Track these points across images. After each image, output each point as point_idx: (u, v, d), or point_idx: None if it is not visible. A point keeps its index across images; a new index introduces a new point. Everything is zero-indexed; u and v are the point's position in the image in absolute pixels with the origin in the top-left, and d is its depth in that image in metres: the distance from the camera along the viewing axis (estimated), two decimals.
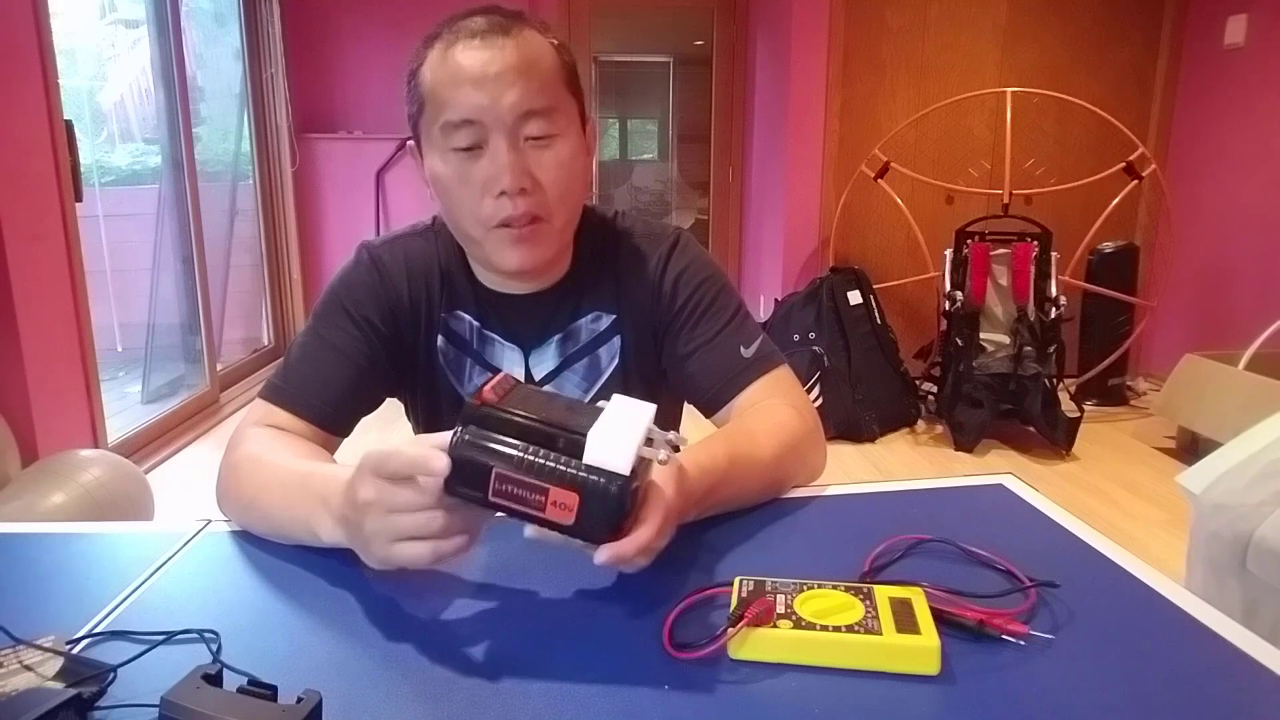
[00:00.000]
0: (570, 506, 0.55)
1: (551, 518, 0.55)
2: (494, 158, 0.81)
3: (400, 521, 0.58)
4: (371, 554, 0.61)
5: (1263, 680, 0.53)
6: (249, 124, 4.10)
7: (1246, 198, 3.52)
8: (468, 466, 0.55)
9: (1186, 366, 3.09)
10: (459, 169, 0.82)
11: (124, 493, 2.05)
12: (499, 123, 0.80)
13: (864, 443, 3.21)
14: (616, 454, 0.55)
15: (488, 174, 0.82)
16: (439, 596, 0.64)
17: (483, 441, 0.56)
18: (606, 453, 0.55)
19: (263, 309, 4.35)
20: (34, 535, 0.78)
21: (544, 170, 0.83)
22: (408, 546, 0.59)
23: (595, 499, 0.55)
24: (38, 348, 2.33)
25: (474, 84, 0.79)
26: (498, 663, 0.56)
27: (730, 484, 0.76)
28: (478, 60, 0.80)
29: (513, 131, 0.81)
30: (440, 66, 0.82)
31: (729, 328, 0.93)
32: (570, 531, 0.56)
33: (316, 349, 0.90)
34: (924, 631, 0.54)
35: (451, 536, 0.59)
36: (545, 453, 0.55)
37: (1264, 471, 1.54)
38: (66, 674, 0.53)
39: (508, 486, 0.55)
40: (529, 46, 0.82)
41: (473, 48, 0.80)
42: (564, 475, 0.55)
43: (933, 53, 3.83)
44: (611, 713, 0.51)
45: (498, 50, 0.80)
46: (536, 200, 0.83)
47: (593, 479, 0.54)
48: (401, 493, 0.58)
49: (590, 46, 4.52)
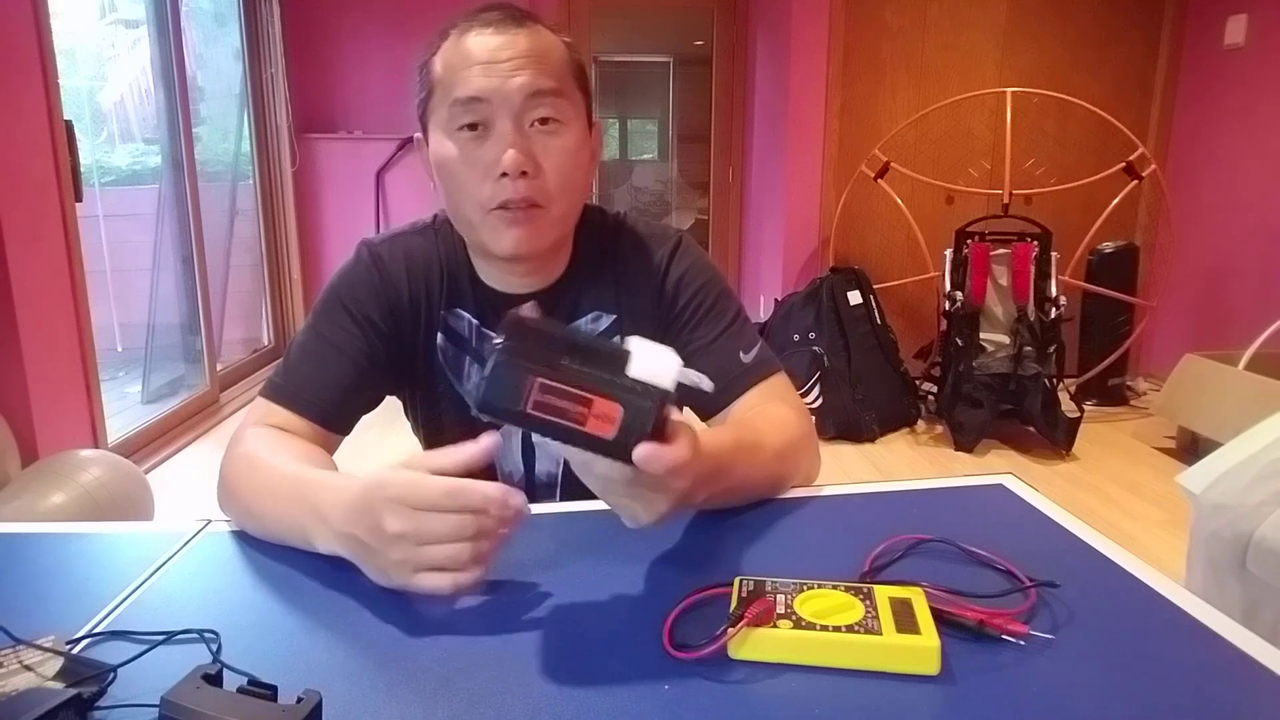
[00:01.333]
0: (613, 419, 0.54)
1: (592, 430, 0.54)
2: (499, 139, 0.82)
3: (431, 553, 0.59)
4: (389, 579, 0.61)
5: (1263, 680, 0.53)
6: (249, 124, 4.10)
7: (1246, 198, 3.52)
8: (510, 377, 0.54)
9: (1186, 366, 3.09)
10: (463, 149, 0.83)
11: (124, 493, 2.05)
12: (506, 104, 0.82)
13: (864, 443, 3.21)
14: (661, 367, 0.54)
15: (492, 155, 0.82)
16: (439, 597, 0.64)
17: (529, 349, 0.55)
18: (652, 365, 0.54)
19: (263, 309, 4.35)
20: (34, 535, 0.78)
21: (548, 156, 0.84)
22: (431, 577, 0.59)
23: (638, 412, 0.54)
24: (38, 348, 2.33)
25: (484, 66, 0.81)
26: (498, 662, 0.56)
27: (735, 470, 0.75)
28: (490, 44, 0.82)
29: (519, 115, 0.82)
30: (453, 51, 0.84)
31: (729, 332, 0.94)
32: (606, 448, 0.55)
33: (317, 347, 0.90)
34: (924, 631, 0.54)
35: (474, 567, 0.59)
36: (589, 363, 0.55)
37: (1264, 471, 1.54)
38: (66, 674, 0.53)
39: (549, 398, 0.54)
40: (541, 37, 0.84)
41: (486, 34, 0.83)
42: (610, 384, 0.54)
43: (933, 53, 3.83)
44: (611, 713, 0.51)
45: (510, 36, 0.82)
46: (537, 185, 0.83)
47: (638, 390, 0.54)
48: (440, 525, 0.58)
49: (590, 46, 4.52)
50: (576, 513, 0.79)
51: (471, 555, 0.59)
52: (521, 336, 0.55)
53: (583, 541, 0.73)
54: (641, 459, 0.54)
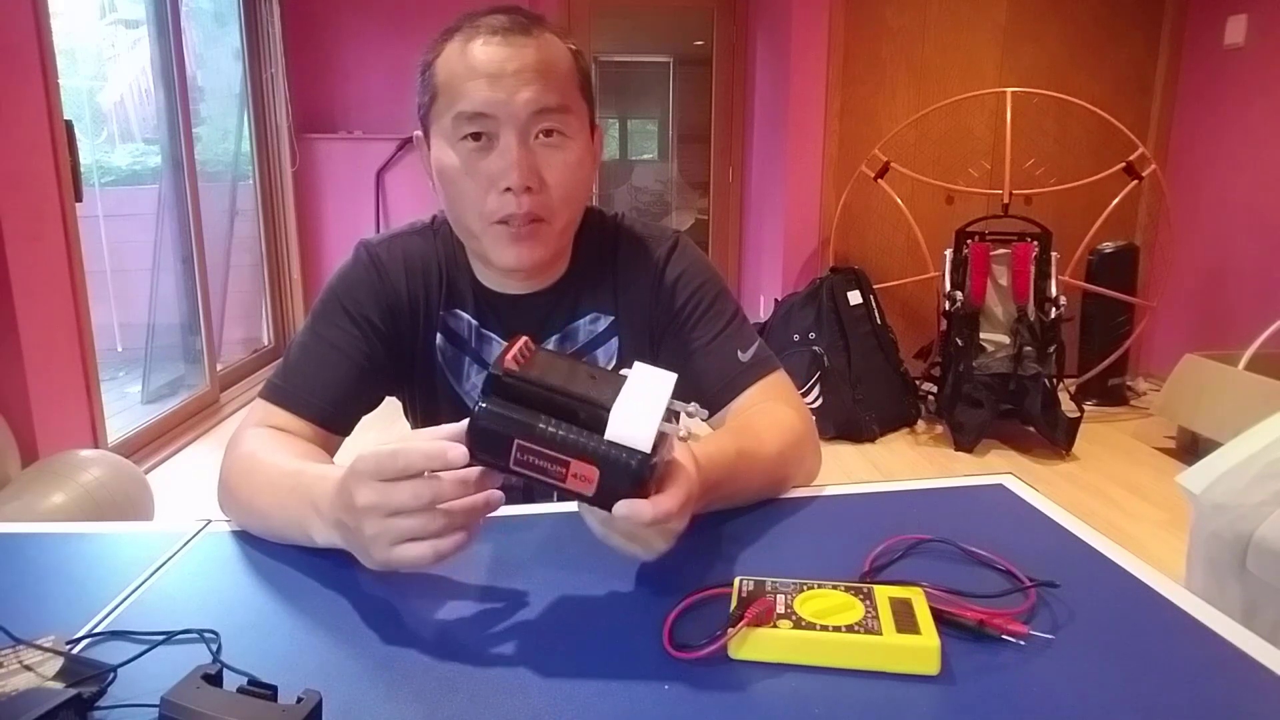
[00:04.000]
0: (590, 479, 0.55)
1: (571, 488, 0.56)
2: (504, 153, 0.81)
3: (400, 524, 0.58)
4: (372, 558, 0.61)
5: (1263, 680, 0.53)
6: (249, 124, 4.10)
7: (1246, 198, 3.52)
8: (490, 436, 0.56)
9: (1186, 366, 3.09)
10: (467, 161, 0.82)
11: (124, 493, 2.05)
12: (512, 119, 0.81)
13: (864, 443, 3.21)
14: (638, 430, 0.55)
15: (496, 169, 0.81)
16: (439, 597, 0.64)
17: (505, 412, 0.56)
18: (628, 428, 0.55)
19: (263, 309, 4.35)
20: (34, 535, 0.78)
21: (552, 171, 0.83)
22: (408, 548, 0.58)
23: (615, 473, 0.55)
24: (38, 348, 2.33)
25: (491, 79, 0.80)
26: (497, 663, 0.56)
27: (737, 478, 0.76)
28: (497, 56, 0.80)
29: (524, 129, 0.81)
30: (458, 59, 0.82)
31: (726, 331, 0.94)
32: (590, 501, 0.57)
33: (316, 348, 0.90)
34: (924, 631, 0.54)
35: (451, 534, 0.59)
36: (566, 425, 0.56)
37: (1264, 471, 1.54)
38: (66, 674, 0.53)
39: (529, 457, 0.56)
40: (548, 48, 0.82)
41: (493, 44, 0.81)
42: (584, 448, 0.55)
43: (933, 53, 3.83)
44: (611, 713, 0.51)
45: (517, 48, 0.81)
46: (540, 200, 0.83)
47: (613, 454, 0.55)
48: (400, 494, 0.57)
49: (590, 46, 4.52)
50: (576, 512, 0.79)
51: (445, 521, 0.58)
52: (504, 391, 0.57)
53: (582, 541, 0.72)
54: (621, 516, 0.56)
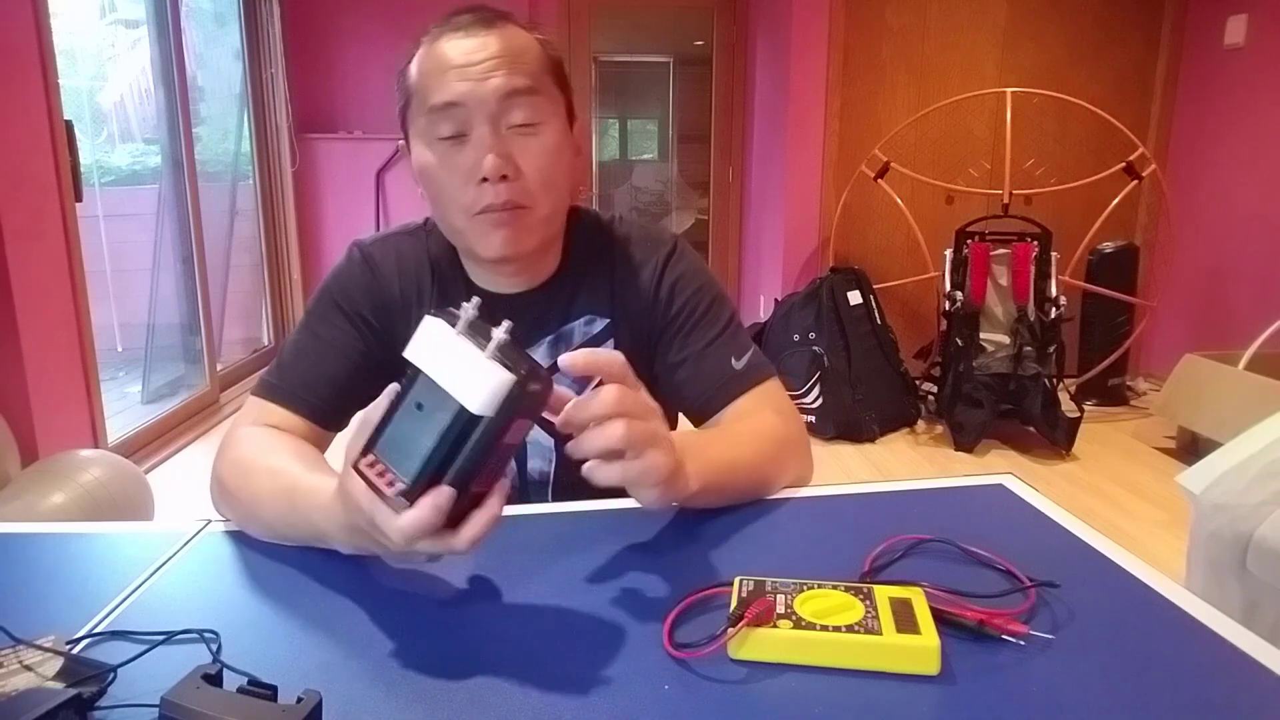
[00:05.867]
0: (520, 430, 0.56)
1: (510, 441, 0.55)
2: (477, 145, 0.82)
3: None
4: (390, 554, 0.61)
5: (1263, 680, 0.53)
6: (249, 124, 4.10)
7: (1246, 198, 3.52)
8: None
9: (1186, 366, 3.09)
10: (444, 158, 0.83)
11: (124, 493, 2.05)
12: (482, 107, 0.81)
13: (864, 443, 3.21)
14: (477, 377, 0.51)
15: (471, 161, 0.82)
16: (439, 597, 0.64)
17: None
18: (469, 384, 0.51)
19: (263, 309, 4.35)
20: (34, 535, 0.78)
21: (527, 157, 0.83)
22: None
23: (516, 409, 0.52)
24: (38, 348, 2.33)
25: (458, 70, 0.81)
26: (498, 663, 0.56)
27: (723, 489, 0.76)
28: (463, 48, 0.82)
29: (495, 118, 0.82)
30: (427, 59, 0.84)
31: (721, 338, 0.93)
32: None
33: (310, 345, 0.90)
34: (924, 631, 0.54)
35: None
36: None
37: (1264, 471, 1.54)
38: (66, 674, 0.53)
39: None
40: (514, 37, 0.84)
41: (457, 38, 0.83)
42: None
43: (933, 53, 3.83)
44: (611, 713, 0.51)
45: (481, 39, 0.82)
46: (518, 188, 0.83)
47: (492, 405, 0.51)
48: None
49: (590, 46, 4.52)
50: (576, 512, 0.79)
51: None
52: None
53: (582, 541, 0.73)
54: (564, 367, 0.59)
